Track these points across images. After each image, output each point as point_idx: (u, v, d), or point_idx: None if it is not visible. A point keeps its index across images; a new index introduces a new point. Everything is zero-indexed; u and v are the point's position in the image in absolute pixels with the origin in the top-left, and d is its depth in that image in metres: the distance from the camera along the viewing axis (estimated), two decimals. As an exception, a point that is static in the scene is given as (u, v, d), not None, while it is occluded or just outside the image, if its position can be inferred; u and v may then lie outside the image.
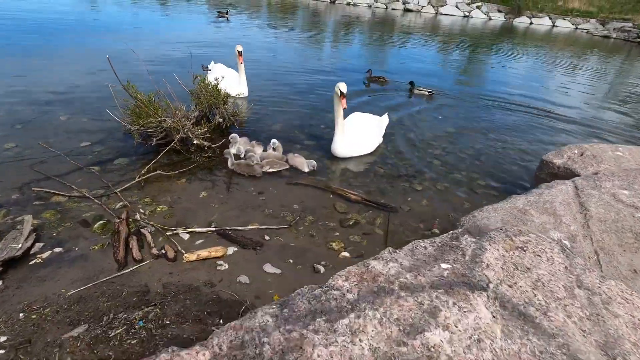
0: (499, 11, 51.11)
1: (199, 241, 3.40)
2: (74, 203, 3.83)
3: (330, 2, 53.86)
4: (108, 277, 2.83)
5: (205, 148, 5.13)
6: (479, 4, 51.46)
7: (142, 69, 5.41)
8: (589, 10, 49.80)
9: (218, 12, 22.24)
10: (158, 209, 3.84)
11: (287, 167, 4.83)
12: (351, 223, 3.92)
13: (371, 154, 5.70)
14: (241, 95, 7.42)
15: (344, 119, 5.34)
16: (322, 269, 3.19)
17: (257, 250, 3.34)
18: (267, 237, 3.55)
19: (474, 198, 4.72)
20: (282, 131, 6.26)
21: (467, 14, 49.49)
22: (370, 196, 4.47)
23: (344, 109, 4.95)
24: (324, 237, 3.66)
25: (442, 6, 51.29)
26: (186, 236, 3.44)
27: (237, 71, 7.48)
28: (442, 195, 4.70)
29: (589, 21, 48.24)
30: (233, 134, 5.59)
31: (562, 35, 35.68)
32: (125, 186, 4.15)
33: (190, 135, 5.03)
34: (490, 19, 48.52)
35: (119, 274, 2.88)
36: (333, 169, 5.15)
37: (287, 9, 34.77)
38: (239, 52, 7.14)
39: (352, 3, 52.12)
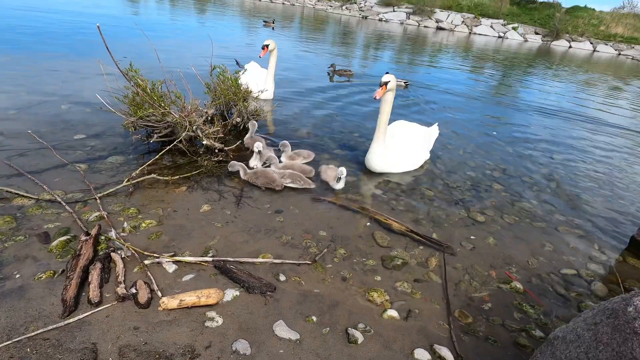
0: (536, 33, 49.64)
1: (188, 276, 2.44)
2: (39, 209, 2.96)
3: (361, 17, 53.94)
4: (41, 330, 1.89)
5: (216, 150, 4.23)
6: (515, 25, 50.16)
7: (171, 63, 4.62)
8: (633, 36, 47.61)
9: (264, 21, 22.06)
10: (143, 225, 2.92)
11: (312, 186, 3.84)
12: (398, 263, 2.87)
13: (415, 170, 4.66)
14: (264, 95, 6.56)
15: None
16: (359, 337, 2.15)
17: (266, 297, 2.34)
18: (282, 277, 2.55)
19: (556, 237, 3.58)
20: (309, 137, 5.32)
21: (502, 34, 48.27)
22: (420, 227, 3.42)
23: (374, 99, 4.01)
24: (360, 282, 2.63)
25: (476, 26, 50.30)
26: (172, 267, 2.49)
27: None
28: (513, 231, 3.59)
29: (633, 47, 46.05)
30: (252, 121, 4.76)
31: (603, 60, 33.87)
32: (109, 190, 3.27)
33: (200, 134, 4.15)
34: (526, 40, 46.99)
35: (59, 324, 1.94)
36: (369, 187, 4.13)
37: (319, 22, 34.59)
38: (265, 45, 6.36)
39: (384, 19, 51.93)
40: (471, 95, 10.12)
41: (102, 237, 2.68)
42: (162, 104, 3.87)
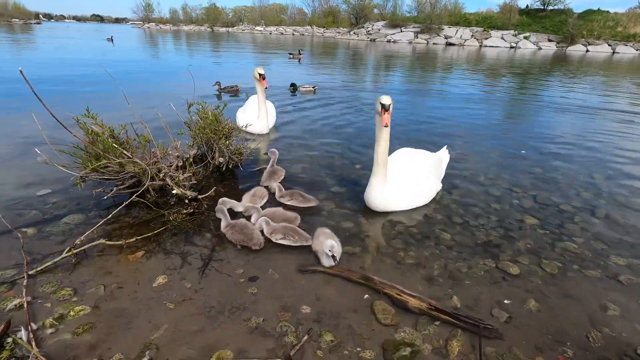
0: (550, 40, 48.65)
1: (107, 399, 1.76)
2: (-48, 296, 2.39)
3: (370, 40, 54.54)
4: None
5: (187, 200, 3.62)
6: (527, 34, 49.36)
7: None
8: (654, 35, 45.77)
9: (289, 53, 22.05)
10: (72, 313, 2.28)
11: (310, 242, 3.05)
12: (405, 354, 2.09)
13: (426, 206, 3.91)
14: (256, 129, 6.03)
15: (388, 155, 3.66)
16: None
17: None
18: (239, 392, 1.83)
19: (619, 293, 2.71)
20: (304, 173, 4.69)
21: (514, 45, 47.54)
22: (434, 288, 2.63)
23: (386, 126, 3.29)
24: (351, 391, 1.87)
25: (486, 38, 49.80)
26: (86, 385, 1.81)
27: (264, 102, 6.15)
28: (559, 286, 2.75)
29: (656, 46, 44.22)
30: (272, 149, 4.50)
31: (626, 61, 32.40)
32: (45, 264, 2.68)
33: (169, 182, 3.57)
34: (540, 48, 45.98)
35: None
36: (370, 234, 3.39)
37: (330, 48, 34.95)
38: (260, 75, 5.83)
39: (392, 40, 52.26)
40: (490, 109, 9.32)
41: (10, 339, 2.05)
42: (117, 152, 3.32)
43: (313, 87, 10.51)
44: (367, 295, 2.51)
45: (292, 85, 10.47)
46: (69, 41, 30.01)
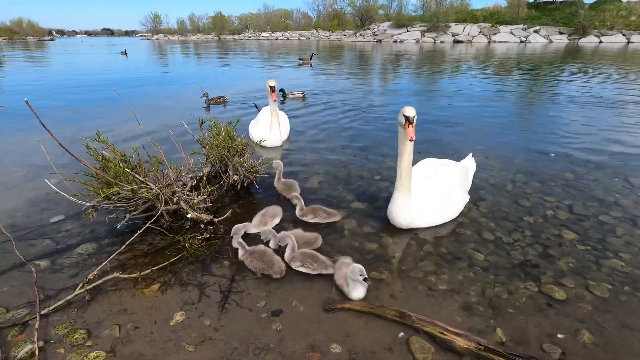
0: (561, 33, 47.68)
1: None
2: (-38, 342, 2.27)
3: (376, 41, 54.29)
4: None
5: (203, 224, 3.46)
6: (537, 28, 48.47)
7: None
8: (671, 23, 44.42)
9: (299, 59, 21.66)
10: (86, 361, 2.13)
11: (330, 270, 2.84)
12: (451, 403, 1.87)
13: (454, 220, 3.68)
14: (269, 143, 5.87)
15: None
16: None
17: None
18: None
19: (681, 319, 2.43)
20: (320, 187, 4.50)
21: (523, 39, 46.74)
22: (474, 318, 2.41)
23: (411, 140, 3.07)
24: None
25: (494, 34, 49.07)
26: None
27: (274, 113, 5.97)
28: (612, 312, 2.49)
29: (673, 34, 42.95)
30: (276, 161, 4.38)
31: (643, 51, 31.40)
32: (58, 303, 2.54)
33: (184, 206, 3.42)
34: (551, 41, 45.08)
35: None
36: (397, 254, 3.18)
37: (335, 51, 34.85)
38: (270, 87, 5.68)
39: (398, 40, 51.90)
40: (506, 106, 8.99)
41: (20, 395, 1.90)
42: (130, 177, 3.18)
43: (302, 94, 10.19)
44: (402, 333, 2.29)
45: (281, 91, 10.12)
46: (86, 57, 30.70)
